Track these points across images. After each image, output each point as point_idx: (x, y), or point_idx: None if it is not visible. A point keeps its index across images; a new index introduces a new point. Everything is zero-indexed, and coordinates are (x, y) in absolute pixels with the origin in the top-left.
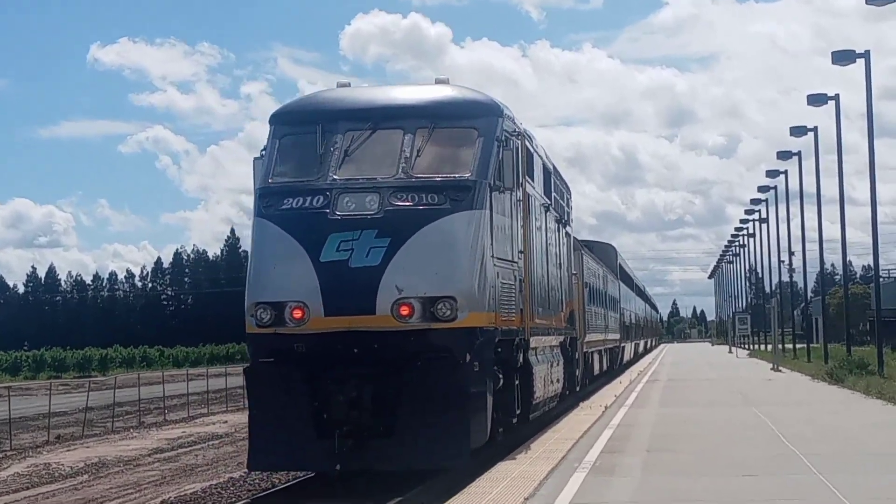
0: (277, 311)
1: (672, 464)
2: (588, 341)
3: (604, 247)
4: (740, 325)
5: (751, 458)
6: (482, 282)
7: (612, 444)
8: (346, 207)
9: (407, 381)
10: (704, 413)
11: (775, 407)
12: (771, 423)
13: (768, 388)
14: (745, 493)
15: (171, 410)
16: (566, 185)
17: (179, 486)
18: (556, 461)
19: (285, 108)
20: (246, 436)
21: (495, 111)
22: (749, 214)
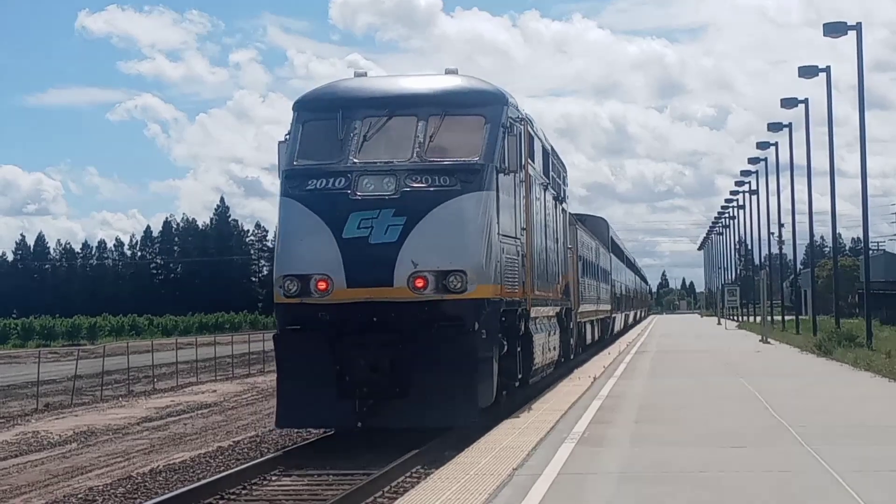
0: (303, 282)
1: (660, 435)
2: (581, 312)
3: (596, 220)
4: (729, 297)
5: (739, 430)
6: (489, 257)
7: (600, 415)
8: (365, 188)
9: (421, 347)
10: (693, 384)
11: (764, 378)
12: (759, 394)
13: (757, 359)
14: (732, 465)
15: (159, 379)
16: (562, 164)
17: (168, 455)
18: (545, 432)
19: (308, 95)
20: (235, 405)
21: (501, 100)
22: (739, 186)
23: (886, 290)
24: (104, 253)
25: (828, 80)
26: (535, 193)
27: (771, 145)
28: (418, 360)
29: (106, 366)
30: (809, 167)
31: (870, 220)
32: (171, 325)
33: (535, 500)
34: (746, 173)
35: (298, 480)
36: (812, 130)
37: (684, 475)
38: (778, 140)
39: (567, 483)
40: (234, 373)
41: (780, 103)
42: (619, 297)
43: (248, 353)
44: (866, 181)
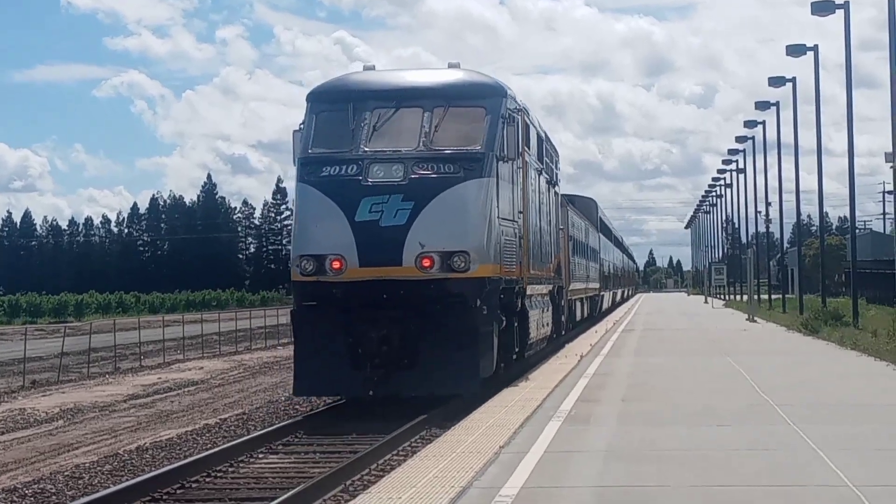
0: (319, 262)
1: (647, 413)
2: (572, 290)
3: (586, 201)
4: (716, 276)
5: (725, 408)
6: (490, 238)
7: (587, 393)
8: (376, 175)
9: (427, 321)
10: (680, 363)
11: (750, 357)
12: (745, 373)
13: (743, 338)
14: (719, 443)
15: (146, 357)
16: (555, 149)
17: (155, 433)
18: (531, 410)
19: (321, 87)
20: (222, 383)
21: (500, 92)
22: (726, 164)
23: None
24: (91, 230)
25: (815, 58)
26: (531, 179)
27: (758, 124)
28: (425, 333)
29: (93, 343)
30: (797, 146)
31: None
32: (157, 303)
33: (522, 478)
34: (734, 152)
35: (285, 458)
36: (799, 109)
37: (671, 454)
38: (765, 118)
39: (553, 461)
40: (221, 350)
41: (768, 82)
42: (608, 275)
43: (234, 330)
44: (853, 160)
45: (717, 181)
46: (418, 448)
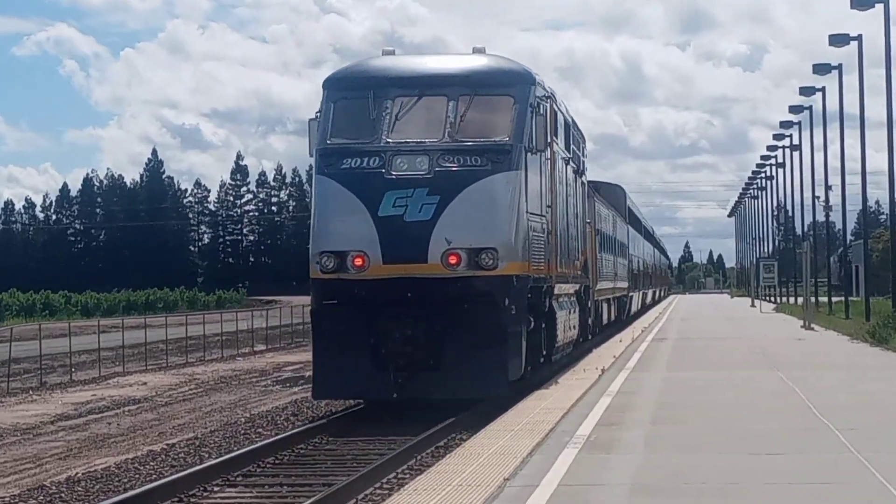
0: (340, 259)
1: (681, 439)
2: (599, 290)
3: (612, 188)
4: (765, 274)
5: (775, 433)
6: (518, 235)
7: (609, 414)
8: (399, 168)
9: (454, 321)
10: (721, 378)
11: (805, 372)
12: (800, 390)
13: (798, 349)
14: (766, 475)
15: (78, 369)
16: (582, 135)
17: (88, 461)
18: (543, 434)
19: (339, 74)
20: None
21: (528, 79)
22: (778, 140)
23: None
24: (11, 216)
25: (885, 11)
26: (559, 170)
27: (817, 91)
28: (451, 333)
29: (13, 352)
30: (863, 117)
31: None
32: (92, 304)
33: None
34: (787, 124)
35: (245, 492)
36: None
37: (709, 487)
38: (825, 84)
39: (569, 496)
40: (169, 362)
41: (829, 40)
42: (637, 273)
43: (185, 338)
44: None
45: (767, 160)
46: (406, 480)
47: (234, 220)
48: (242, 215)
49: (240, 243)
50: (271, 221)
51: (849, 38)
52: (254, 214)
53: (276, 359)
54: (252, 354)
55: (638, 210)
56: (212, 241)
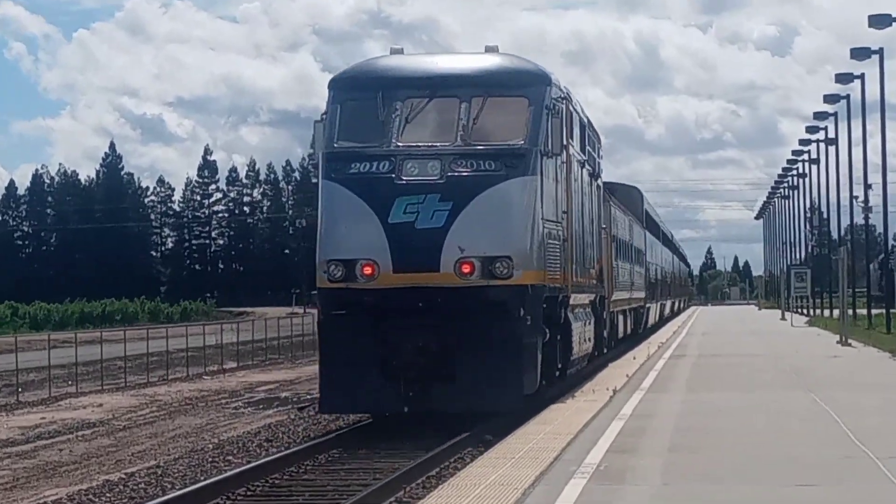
0: (348, 267)
1: (702, 468)
2: (614, 300)
3: (628, 190)
4: (797, 283)
5: (807, 462)
6: (534, 242)
7: (621, 441)
8: (410, 173)
9: (467, 332)
10: (746, 400)
11: (842, 393)
12: (835, 414)
13: (833, 367)
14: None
15: (26, 389)
16: (597, 135)
17: (37, 492)
18: (547, 463)
19: (345, 73)
20: (128, 425)
21: (544, 80)
22: (811, 133)
23: None
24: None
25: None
26: (574, 173)
27: (855, 78)
28: (464, 345)
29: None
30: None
31: None
32: (42, 316)
33: None
34: (821, 115)
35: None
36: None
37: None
38: (864, 70)
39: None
40: (128, 381)
41: (868, 21)
42: (655, 282)
43: (146, 354)
44: None
45: (799, 155)
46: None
47: (202, 222)
48: (211, 216)
49: (208, 248)
50: (243, 224)
51: (891, 19)
52: (223, 216)
53: (249, 378)
54: (221, 373)
55: (655, 213)
56: (176, 245)
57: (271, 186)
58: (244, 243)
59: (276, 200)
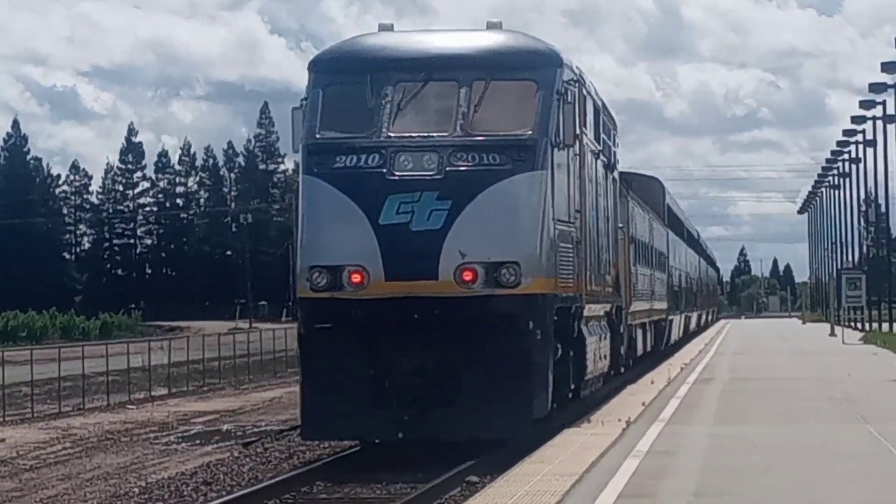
0: (334, 274)
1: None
2: (633, 311)
3: (647, 182)
4: (849, 291)
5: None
6: (544, 246)
7: (636, 484)
8: (403, 167)
9: (470, 348)
10: (788, 435)
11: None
12: (895, 450)
13: (893, 393)
14: None
15: None
16: (613, 121)
17: None
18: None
19: (327, 53)
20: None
21: (554, 61)
22: (866, 109)
23: None
24: None
25: None
26: (588, 166)
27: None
28: (466, 363)
29: None
30: None
31: None
32: None
33: None
34: (878, 88)
35: None
36: None
37: None
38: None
39: None
40: (36, 411)
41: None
42: (678, 291)
43: (58, 378)
44: None
45: (852, 136)
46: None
47: (125, 218)
48: (136, 211)
49: (132, 249)
50: (176, 219)
51: None
52: (152, 210)
53: (183, 407)
54: (149, 401)
55: (679, 208)
56: (94, 246)
57: (210, 174)
58: (177, 243)
59: (215, 191)
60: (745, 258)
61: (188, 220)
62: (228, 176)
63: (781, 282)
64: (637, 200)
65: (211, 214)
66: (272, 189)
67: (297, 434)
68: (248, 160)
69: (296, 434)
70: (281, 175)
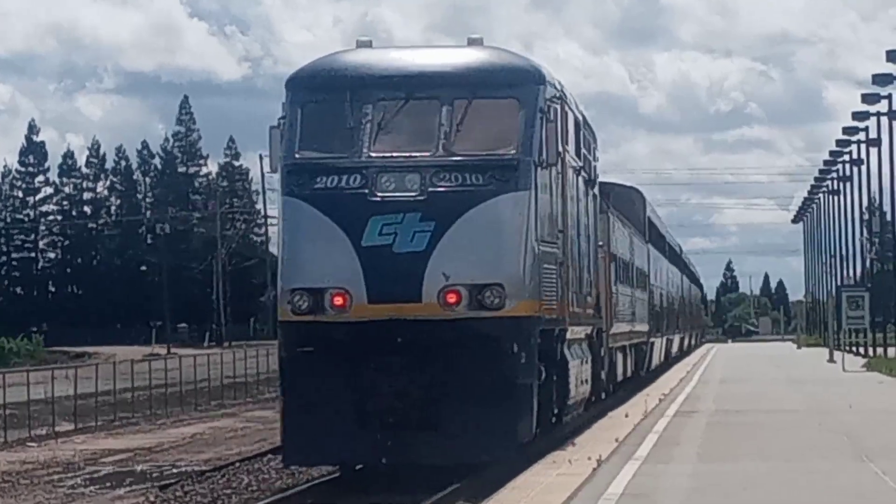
0: (316, 297)
1: None
2: (614, 334)
3: (627, 193)
4: (850, 311)
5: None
6: (528, 268)
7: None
8: (385, 188)
9: (454, 371)
10: (782, 474)
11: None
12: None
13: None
14: None
15: None
16: (593, 134)
17: None
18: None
19: (305, 71)
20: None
21: (537, 78)
22: (870, 103)
23: None
24: None
25: None
26: (570, 184)
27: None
28: (450, 386)
29: None
30: None
31: None
32: None
33: None
34: (883, 79)
35: None
36: None
37: None
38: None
39: None
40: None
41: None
42: (660, 311)
43: None
44: None
45: (853, 134)
46: None
47: (25, 229)
48: (38, 220)
49: (33, 264)
50: (83, 230)
51: None
52: (56, 219)
53: (90, 445)
54: (52, 438)
55: (660, 221)
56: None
57: (122, 178)
58: (84, 257)
59: (128, 198)
60: (732, 274)
61: (97, 230)
62: (143, 180)
63: (773, 300)
64: (617, 215)
65: (123, 224)
66: (193, 195)
67: (234, 470)
68: (165, 162)
69: (219, 476)
70: (203, 179)
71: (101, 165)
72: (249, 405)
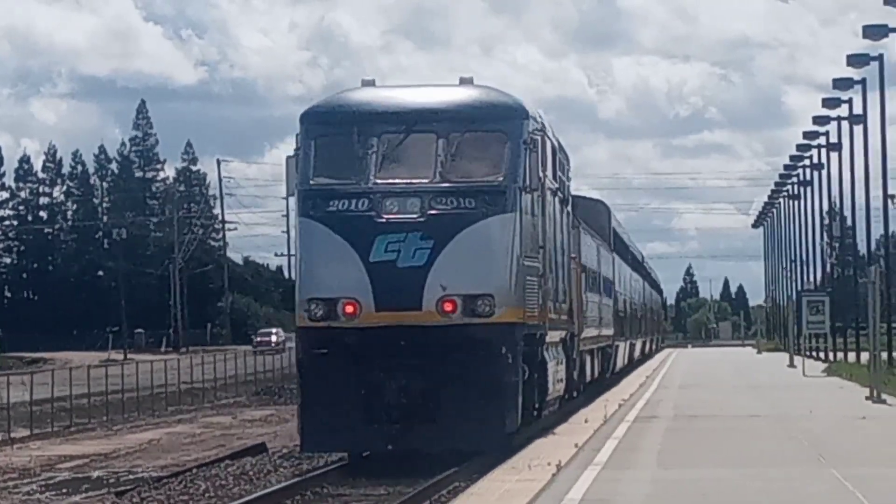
0: (329, 306)
1: None
2: (584, 338)
3: (593, 206)
4: (811, 316)
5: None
6: (514, 280)
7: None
8: (390, 210)
9: (450, 371)
10: (742, 480)
11: (872, 468)
12: (865, 498)
13: (862, 432)
14: None
15: None
16: (567, 157)
17: None
18: None
19: (318, 108)
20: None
21: (521, 113)
22: (830, 108)
23: None
24: None
25: None
26: (548, 204)
27: (890, 31)
28: (446, 384)
29: None
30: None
31: None
32: None
33: None
34: (844, 84)
35: None
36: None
37: None
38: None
39: None
40: None
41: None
42: (623, 316)
43: None
44: None
45: (813, 139)
46: None
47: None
48: None
49: None
50: (39, 235)
51: None
52: (11, 224)
53: (47, 451)
54: (8, 444)
55: (625, 232)
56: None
57: (78, 183)
58: (40, 262)
59: (85, 203)
60: (691, 278)
61: (53, 235)
62: (100, 185)
63: (733, 305)
64: (587, 229)
65: (80, 229)
66: (150, 200)
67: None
68: (122, 167)
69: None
70: (160, 184)
71: (58, 170)
72: (206, 411)
